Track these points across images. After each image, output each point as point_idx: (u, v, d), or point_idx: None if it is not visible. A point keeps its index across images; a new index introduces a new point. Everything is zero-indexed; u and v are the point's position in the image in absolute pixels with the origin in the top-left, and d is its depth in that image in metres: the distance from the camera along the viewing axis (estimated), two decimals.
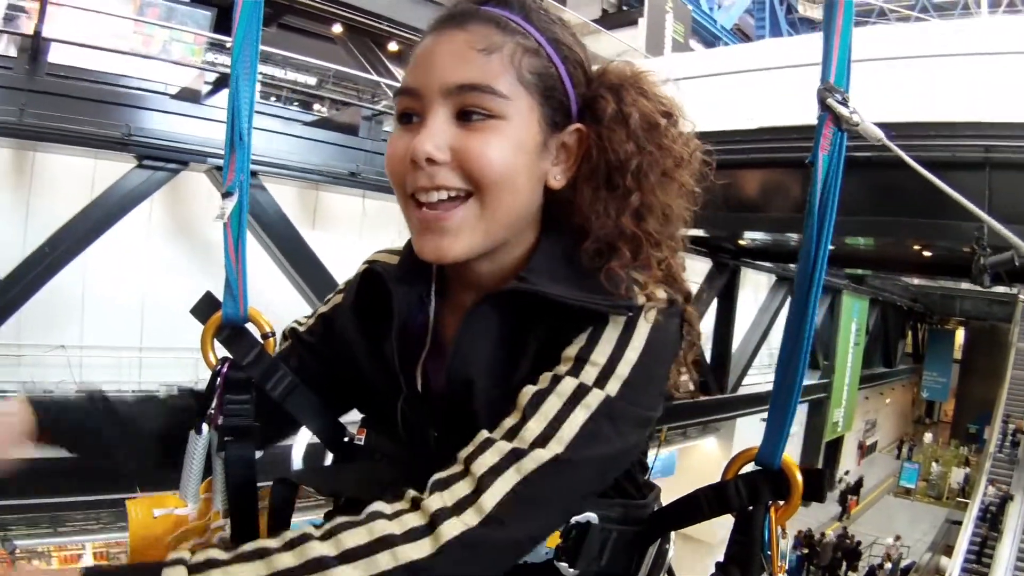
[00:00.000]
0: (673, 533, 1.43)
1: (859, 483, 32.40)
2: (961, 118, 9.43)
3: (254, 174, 10.21)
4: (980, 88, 9.51)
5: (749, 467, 1.35)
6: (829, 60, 1.22)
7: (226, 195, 1.36)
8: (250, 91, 1.34)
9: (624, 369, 1.11)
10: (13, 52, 9.89)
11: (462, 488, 1.02)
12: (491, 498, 1.00)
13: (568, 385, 1.09)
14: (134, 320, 10.72)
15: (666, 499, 1.44)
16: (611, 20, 23.60)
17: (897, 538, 24.77)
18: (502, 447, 1.05)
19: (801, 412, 26.33)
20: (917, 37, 10.99)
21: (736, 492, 1.31)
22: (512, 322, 1.20)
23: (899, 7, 33.76)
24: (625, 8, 24.34)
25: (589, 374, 1.10)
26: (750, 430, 19.22)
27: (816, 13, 34.81)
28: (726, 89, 11.35)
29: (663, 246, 1.25)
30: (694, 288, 17.61)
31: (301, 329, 1.56)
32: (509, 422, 1.08)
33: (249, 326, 1.45)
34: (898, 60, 9.99)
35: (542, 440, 1.05)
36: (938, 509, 30.79)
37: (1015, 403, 26.07)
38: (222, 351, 1.45)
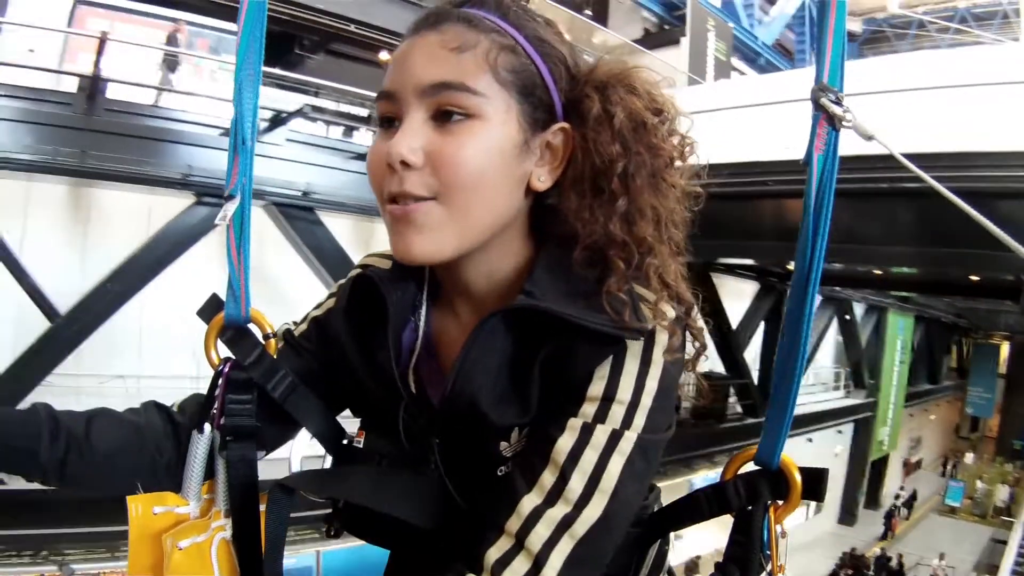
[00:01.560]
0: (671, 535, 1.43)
1: (913, 496, 32.31)
2: (1007, 148, 9.36)
3: (310, 209, 10.38)
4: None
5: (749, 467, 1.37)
6: (823, 60, 1.23)
7: (228, 198, 1.37)
8: (254, 96, 1.34)
9: (647, 400, 1.11)
10: (66, 87, 10.08)
11: (520, 566, 1.04)
12: (551, 572, 1.03)
13: (601, 435, 1.09)
14: (191, 349, 10.69)
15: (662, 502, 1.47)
16: (653, 40, 23.47)
17: (941, 557, 24.50)
18: (552, 516, 1.06)
19: (847, 432, 26.11)
20: (961, 65, 10.90)
21: (735, 492, 1.33)
22: (519, 339, 1.19)
23: (937, 19, 33.39)
24: (667, 28, 24.29)
25: (616, 415, 1.10)
26: (794, 450, 19.05)
27: (856, 26, 34.58)
28: (771, 118, 11.35)
29: (656, 251, 1.19)
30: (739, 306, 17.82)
31: (295, 335, 1.53)
32: (548, 479, 1.09)
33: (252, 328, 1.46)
34: (942, 89, 9.94)
35: (586, 497, 1.07)
36: (983, 528, 30.29)
37: None
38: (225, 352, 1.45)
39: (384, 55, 16.03)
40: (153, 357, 10.72)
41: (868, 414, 26.22)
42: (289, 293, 11.19)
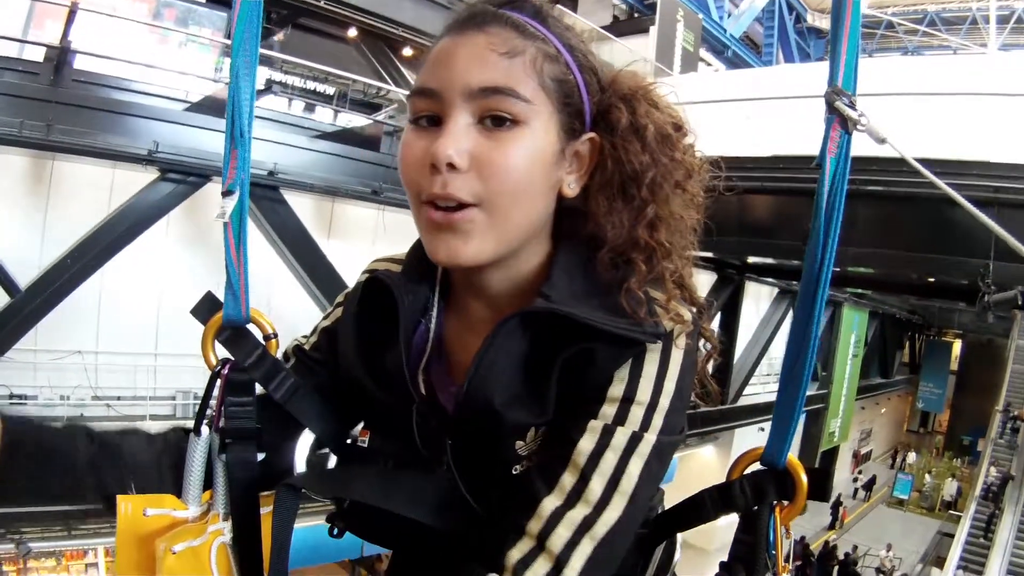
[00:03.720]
0: (679, 537, 1.44)
1: (872, 480, 33.73)
2: (971, 157, 9.50)
3: (275, 188, 10.33)
4: (990, 128, 9.59)
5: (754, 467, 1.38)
6: (837, 63, 1.23)
7: (226, 193, 1.34)
8: (251, 86, 1.32)
9: (665, 402, 1.13)
10: (30, 55, 9.93)
11: (542, 567, 1.05)
12: (572, 573, 1.05)
13: (621, 438, 1.10)
14: (150, 326, 10.71)
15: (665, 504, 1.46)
16: (621, 27, 23.41)
17: (889, 548, 24.82)
18: (572, 518, 1.07)
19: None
20: (929, 74, 11.04)
21: (741, 492, 1.34)
22: (536, 341, 1.19)
23: (906, 20, 33.64)
24: (636, 16, 24.27)
25: (636, 416, 1.11)
26: (748, 439, 19.28)
27: (824, 23, 34.82)
28: (739, 114, 11.40)
29: (674, 256, 1.24)
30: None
31: (306, 346, 1.54)
32: (568, 481, 1.10)
33: (252, 328, 1.44)
34: (910, 96, 10.05)
35: (606, 499, 1.08)
36: (930, 520, 30.75)
37: (1015, 394, 26.46)
38: (223, 353, 1.43)
39: (352, 32, 15.94)
40: (112, 333, 10.57)
41: (820, 405, 26.48)
42: (253, 274, 11.13)
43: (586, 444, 1.11)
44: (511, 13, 1.19)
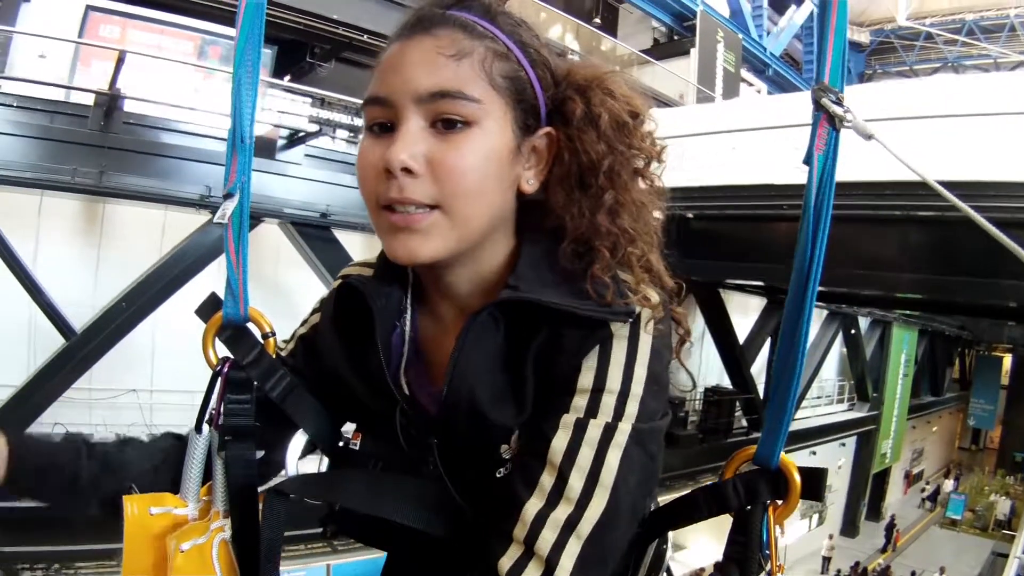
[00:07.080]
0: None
1: (937, 491, 34.13)
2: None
3: (326, 227, 10.42)
4: None
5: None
6: (823, 60, 1.25)
7: (227, 196, 1.37)
8: (252, 94, 1.34)
9: (637, 388, 1.13)
10: (79, 98, 10.02)
11: (533, 572, 1.05)
12: (564, 574, 1.05)
13: (594, 431, 1.11)
14: (204, 363, 10.61)
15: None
16: (662, 50, 23.44)
17: (942, 571, 24.44)
18: (556, 519, 1.07)
19: (850, 445, 26.11)
20: (990, 91, 10.86)
21: (734, 492, 1.32)
22: (509, 335, 1.20)
23: (944, 31, 33.44)
24: (676, 38, 24.24)
25: (608, 406, 1.12)
26: (800, 464, 19.16)
27: (863, 37, 34.75)
28: (787, 143, 11.32)
29: (639, 242, 1.25)
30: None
31: (283, 353, 1.54)
32: (547, 481, 1.10)
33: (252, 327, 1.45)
34: (974, 117, 9.88)
35: (587, 495, 1.08)
36: (984, 541, 30.02)
37: None
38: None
39: None
40: (166, 371, 10.72)
41: (871, 427, 26.24)
42: (303, 308, 11.18)
43: (560, 442, 1.12)
44: (459, 14, 1.20)
